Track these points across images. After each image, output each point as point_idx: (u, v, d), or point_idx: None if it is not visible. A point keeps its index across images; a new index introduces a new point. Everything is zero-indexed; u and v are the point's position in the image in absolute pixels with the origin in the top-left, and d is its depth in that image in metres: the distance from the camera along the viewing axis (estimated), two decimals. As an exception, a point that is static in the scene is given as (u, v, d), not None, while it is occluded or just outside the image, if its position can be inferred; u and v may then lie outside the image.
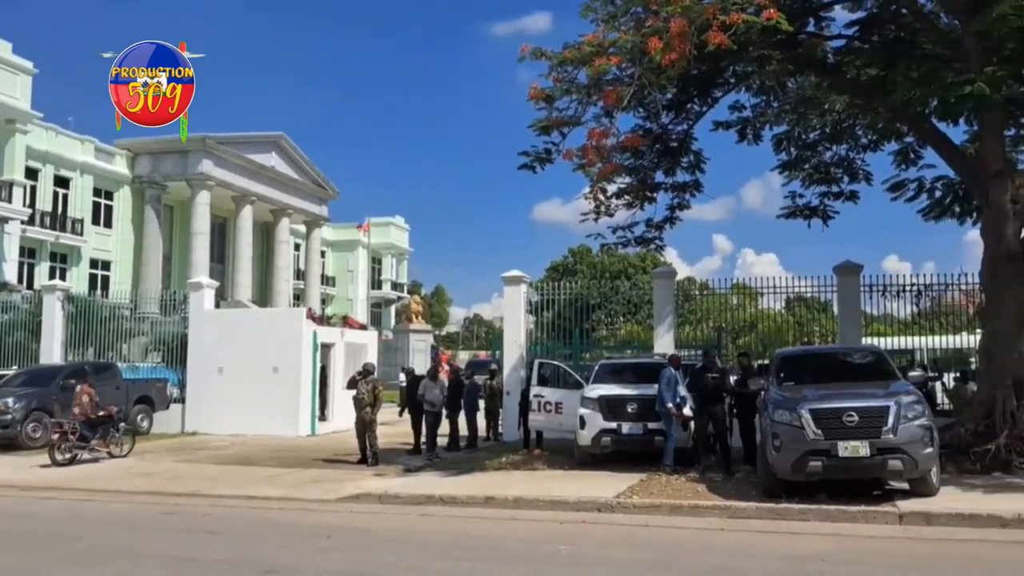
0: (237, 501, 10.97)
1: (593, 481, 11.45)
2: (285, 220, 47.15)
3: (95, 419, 14.84)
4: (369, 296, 58.22)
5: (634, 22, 11.25)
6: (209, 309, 20.98)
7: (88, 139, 38.09)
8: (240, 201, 43.03)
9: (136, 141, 39.76)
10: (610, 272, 57.72)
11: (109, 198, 39.41)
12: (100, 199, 38.91)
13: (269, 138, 45.33)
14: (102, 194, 38.98)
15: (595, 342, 24.61)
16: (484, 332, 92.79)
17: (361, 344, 22.14)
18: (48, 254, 35.88)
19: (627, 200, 15.02)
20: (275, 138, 45.77)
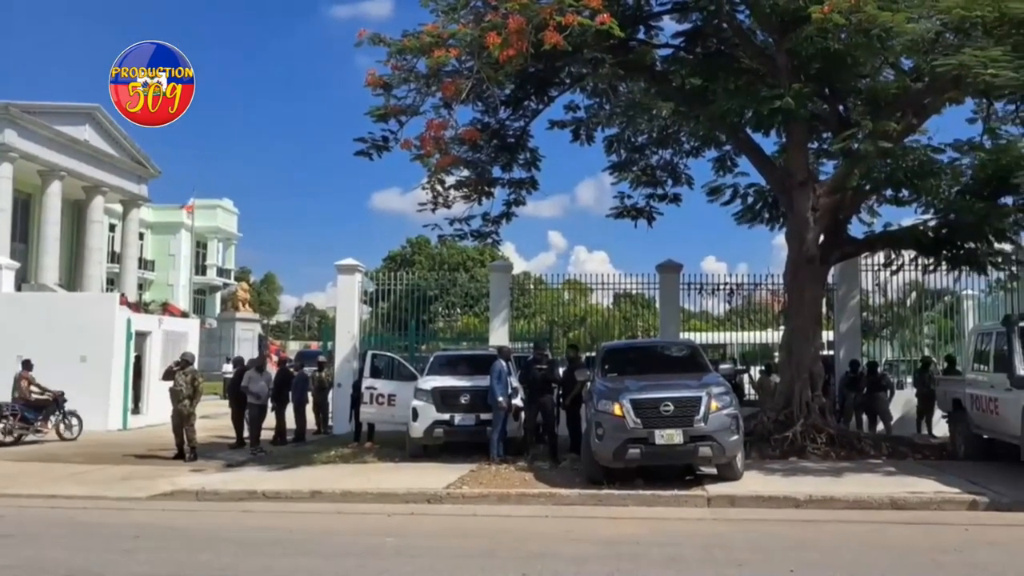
0: (35, 501, 10.10)
1: (424, 473, 11.45)
2: (99, 198, 43.62)
3: (36, 403, 15.92)
4: (192, 282, 55.07)
5: (473, 16, 11.31)
6: (8, 292, 19.25)
7: None
8: (47, 176, 39.42)
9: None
10: (449, 264, 57.94)
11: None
12: None
13: (83, 109, 41.74)
14: None
15: (432, 334, 24.57)
16: (317, 322, 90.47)
17: (181, 333, 20.95)
18: None
19: (465, 193, 15.11)
20: (90, 110, 42.19)
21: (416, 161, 12.50)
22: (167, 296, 49.93)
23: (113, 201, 45.79)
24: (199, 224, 53.60)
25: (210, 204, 57.32)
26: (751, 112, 12.49)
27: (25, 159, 37.36)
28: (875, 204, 15.47)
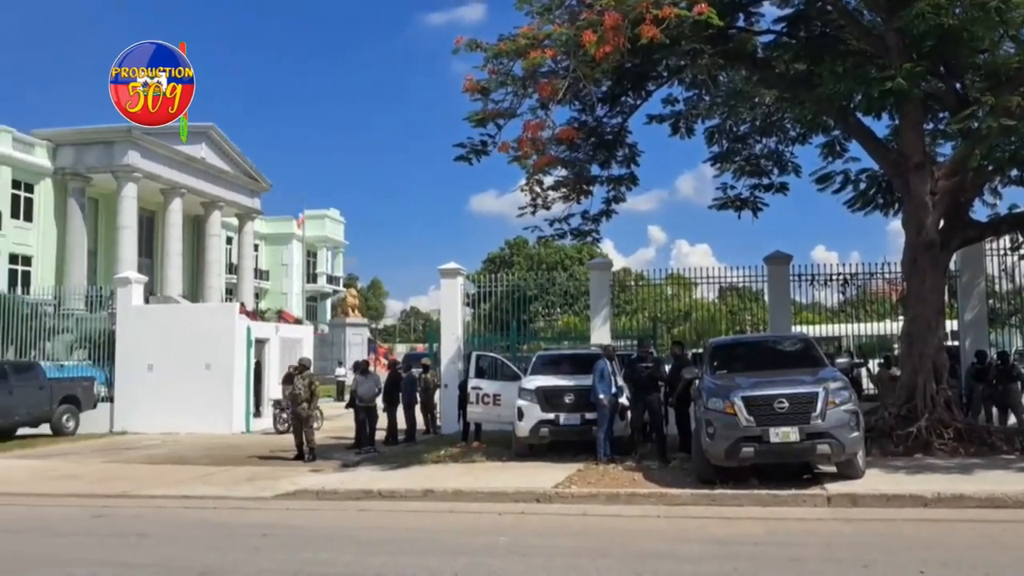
0: (168, 501, 10.70)
1: (532, 472, 11.52)
2: (216, 213, 46.03)
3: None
4: (304, 290, 57.33)
5: (568, 15, 11.30)
6: (138, 305, 20.39)
7: (6, 129, 36.51)
8: (169, 194, 41.86)
9: (58, 131, 38.41)
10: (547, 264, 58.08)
11: (29, 190, 37.88)
12: (19, 191, 37.36)
13: (199, 128, 44.05)
14: (21, 186, 37.43)
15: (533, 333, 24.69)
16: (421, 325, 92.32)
17: (296, 339, 21.81)
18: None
19: (563, 193, 15.10)
20: (205, 129, 44.57)
21: (514, 163, 12.57)
22: (281, 304, 52.18)
23: (229, 215, 48.20)
24: (309, 234, 55.71)
25: (318, 214, 59.54)
26: (861, 95, 11.99)
27: (148, 179, 39.78)
28: (998, 185, 14.58)
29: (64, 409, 18.44)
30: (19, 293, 27.54)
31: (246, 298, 46.20)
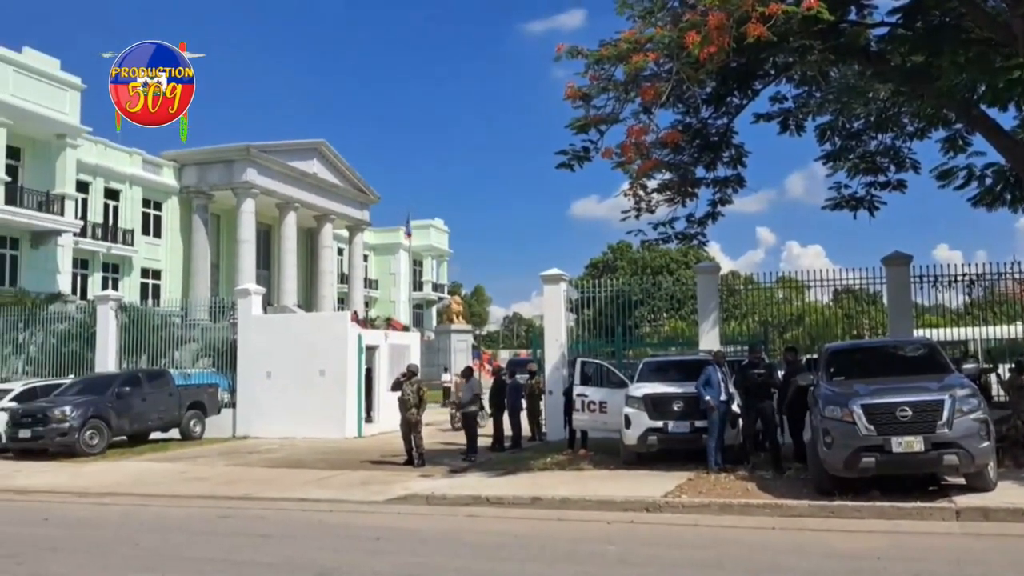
0: (288, 504, 11.14)
1: (640, 480, 11.39)
2: (328, 225, 47.76)
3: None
4: (411, 298, 58.66)
5: (671, 17, 11.16)
6: (257, 315, 21.32)
7: (136, 151, 39.01)
8: (284, 208, 43.71)
9: (183, 152, 40.68)
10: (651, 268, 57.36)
11: (158, 209, 40.34)
12: (149, 210, 39.85)
13: (310, 145, 45.96)
14: (151, 205, 39.92)
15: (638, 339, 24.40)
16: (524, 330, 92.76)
17: (404, 345, 22.32)
18: (101, 265, 36.82)
19: (668, 196, 14.90)
20: (316, 145, 46.39)
21: (618, 169, 12.53)
22: (390, 312, 53.57)
23: (340, 227, 49.93)
24: (414, 244, 57.01)
25: (424, 225, 60.95)
26: (984, 86, 11.32)
27: (265, 194, 41.68)
28: None
29: (191, 414, 19.50)
30: (150, 305, 29.32)
31: (356, 306, 47.66)
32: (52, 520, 10.54)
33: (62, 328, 22.63)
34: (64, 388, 18.25)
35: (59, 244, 32.92)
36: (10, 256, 31.88)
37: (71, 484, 13.38)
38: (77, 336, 22.26)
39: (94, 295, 26.36)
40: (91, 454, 16.51)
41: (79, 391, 17.86)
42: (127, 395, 17.93)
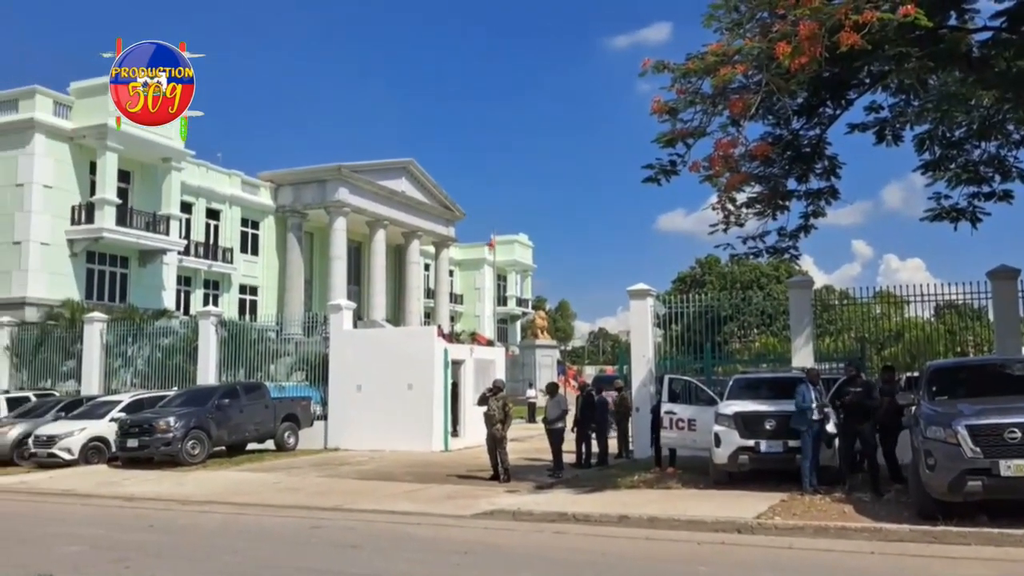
0: (377, 516, 11.35)
1: (731, 500, 11.13)
2: (415, 242, 48.71)
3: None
4: (495, 312, 59.10)
5: (760, 28, 10.97)
6: (348, 329, 21.85)
7: (235, 173, 40.82)
8: (374, 225, 44.84)
9: (278, 173, 42.42)
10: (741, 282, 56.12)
11: (255, 227, 42.02)
12: (247, 229, 41.56)
13: (399, 164, 47.07)
14: (249, 224, 41.64)
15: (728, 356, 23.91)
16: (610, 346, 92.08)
17: (489, 360, 22.47)
18: (202, 281, 38.55)
19: (758, 209, 14.57)
20: (405, 164, 47.49)
21: (706, 182, 12.35)
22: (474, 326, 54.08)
23: (427, 243, 50.88)
24: (499, 258, 57.51)
25: (508, 240, 61.43)
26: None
27: (355, 212, 42.88)
28: None
29: (286, 426, 20.11)
30: (247, 320, 30.50)
31: (442, 321, 48.35)
32: (157, 526, 11.03)
33: (167, 342, 23.71)
34: (168, 400, 19.11)
35: (164, 262, 34.69)
36: (120, 274, 33.72)
37: (174, 492, 13.99)
38: (181, 350, 23.28)
39: (196, 311, 27.60)
40: (192, 463, 17.21)
41: (182, 403, 18.67)
42: (226, 407, 18.64)
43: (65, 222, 31.38)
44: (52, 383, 24.15)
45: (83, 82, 32.15)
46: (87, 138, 31.65)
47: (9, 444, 18.03)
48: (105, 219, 31.42)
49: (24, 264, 30.11)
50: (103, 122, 31.08)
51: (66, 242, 31.35)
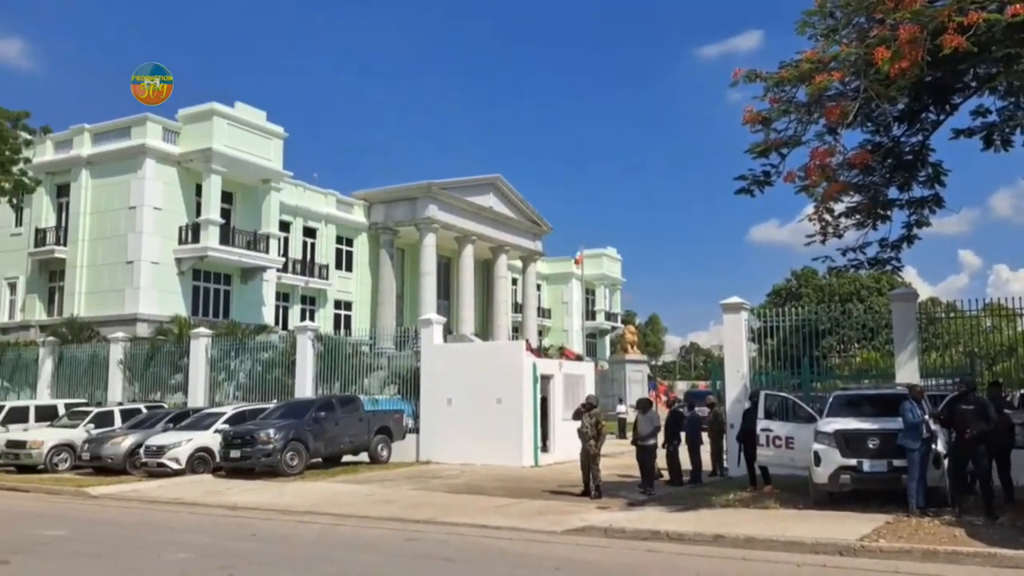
0: (470, 529, 11.43)
1: (832, 522, 10.74)
2: (503, 257, 49.10)
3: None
4: (584, 327, 58.87)
5: (856, 33, 10.66)
6: (438, 344, 22.14)
7: (331, 192, 42.21)
8: (462, 241, 45.46)
9: (371, 192, 43.66)
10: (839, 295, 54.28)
11: (349, 244, 43.26)
12: (342, 246, 42.85)
13: (487, 180, 47.64)
14: (343, 241, 42.93)
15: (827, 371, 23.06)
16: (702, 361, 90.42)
17: (578, 375, 22.37)
18: (299, 297, 39.89)
19: (857, 219, 14.07)
20: (492, 180, 48.02)
21: (801, 193, 12.03)
22: (562, 341, 54.05)
23: (514, 258, 51.22)
24: (587, 272, 57.35)
25: (596, 254, 61.23)
26: None
27: (444, 228, 43.60)
28: None
29: (379, 439, 20.50)
30: (342, 334, 31.33)
31: (530, 336, 48.49)
32: (259, 535, 11.42)
33: (267, 356, 24.55)
34: (268, 412, 19.76)
35: (264, 279, 36.09)
36: (223, 291, 35.24)
37: (274, 502, 14.45)
38: (280, 363, 24.06)
39: (294, 326, 28.52)
40: (291, 474, 17.74)
41: (281, 415, 19.26)
42: (322, 419, 19.15)
43: (173, 242, 33.06)
44: (161, 395, 25.33)
45: (189, 109, 33.95)
46: (193, 162, 33.33)
47: (122, 454, 18.99)
48: (210, 238, 32.95)
49: (136, 282, 31.84)
50: (208, 146, 32.74)
51: (174, 261, 33.02)
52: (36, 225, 34.26)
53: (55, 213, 34.58)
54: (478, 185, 46.80)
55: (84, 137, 33.93)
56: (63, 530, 11.84)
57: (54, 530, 11.80)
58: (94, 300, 32.55)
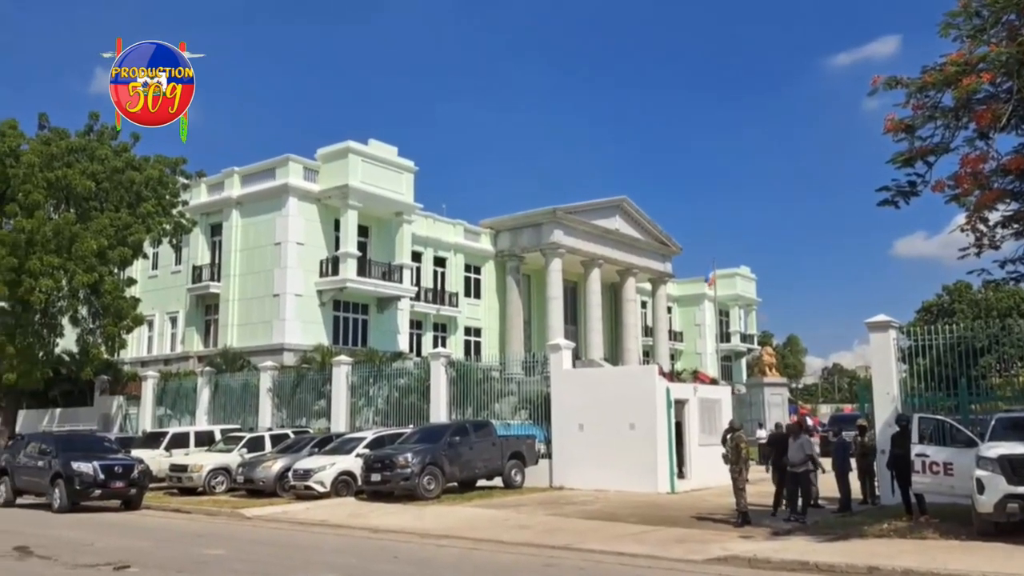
0: (607, 557, 11.30)
1: (1000, 554, 9.94)
2: (631, 279, 48.64)
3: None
4: (718, 349, 57.31)
5: (1007, 32, 10.00)
6: (567, 369, 22.13)
7: (459, 222, 43.33)
8: (588, 265, 45.41)
9: (497, 220, 44.49)
10: (998, 310, 50.42)
11: (477, 272, 44.15)
12: (470, 274, 43.79)
13: (612, 203, 47.50)
14: (471, 269, 43.85)
15: (986, 392, 21.41)
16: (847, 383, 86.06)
17: (715, 399, 21.78)
18: (431, 325, 40.98)
19: (1016, 229, 13.09)
20: (618, 202, 47.83)
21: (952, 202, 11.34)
22: (696, 364, 52.80)
23: (642, 280, 50.63)
24: (720, 293, 55.90)
25: (729, 273, 59.61)
26: None
27: (570, 253, 43.74)
28: None
29: (512, 464, 20.65)
30: (473, 360, 31.89)
31: (661, 359, 47.66)
32: (400, 558, 11.72)
33: (402, 382, 25.29)
34: (405, 437, 20.32)
35: (399, 308, 37.36)
36: (361, 320, 36.70)
37: (413, 525, 14.80)
38: (415, 389, 24.73)
39: (427, 352, 29.27)
40: (428, 498, 18.12)
41: (417, 439, 19.76)
42: (457, 444, 19.51)
43: (314, 275, 34.79)
44: (306, 421, 26.55)
45: (327, 148, 35.80)
46: (332, 198, 35.06)
47: (273, 477, 20.01)
48: (348, 271, 34.47)
49: (282, 314, 33.67)
50: (345, 183, 34.37)
51: (316, 293, 34.71)
52: (193, 263, 36.90)
53: (209, 251, 37.14)
54: (604, 208, 46.70)
55: (234, 179, 36.38)
56: (222, 549, 12.57)
57: (215, 549, 12.55)
58: (245, 331, 34.64)
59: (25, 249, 25.70)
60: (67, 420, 32.03)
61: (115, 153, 28.83)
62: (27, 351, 27.10)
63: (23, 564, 11.36)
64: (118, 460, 19.21)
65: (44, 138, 28.46)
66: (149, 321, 36.20)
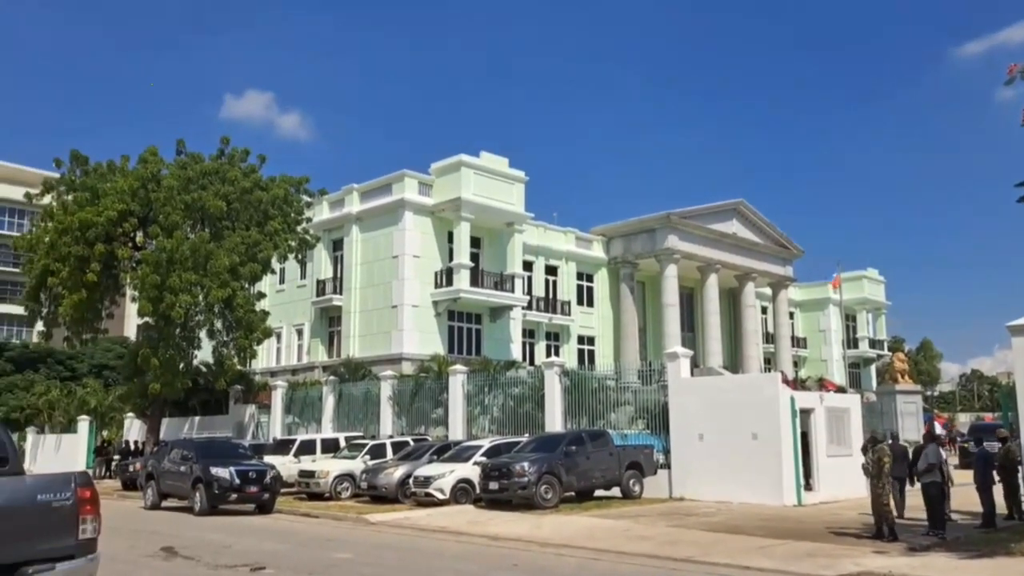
0: (732, 570, 10.97)
1: None
2: (750, 284, 47.27)
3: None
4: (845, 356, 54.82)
5: None
6: (686, 377, 21.68)
7: (570, 230, 43.31)
8: (705, 270, 44.44)
9: (609, 226, 44.20)
10: None
11: (590, 280, 43.99)
12: (582, 282, 43.67)
13: (728, 206, 46.36)
14: (583, 277, 43.74)
15: None
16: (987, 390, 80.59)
17: (843, 408, 20.84)
18: (544, 334, 41.10)
19: None
20: (734, 205, 46.63)
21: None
22: (821, 371, 50.72)
23: (762, 285, 49.14)
24: (845, 297, 53.53)
25: (855, 276, 57.00)
26: None
27: (686, 258, 42.96)
28: None
29: (630, 474, 20.37)
30: (587, 369, 31.74)
31: (784, 366, 46.04)
32: (520, 566, 11.76)
33: (517, 391, 25.42)
34: (521, 445, 20.42)
35: (511, 317, 37.69)
36: (475, 329, 37.26)
37: (532, 534, 14.82)
38: (529, 398, 24.81)
39: (541, 361, 29.36)
40: (545, 507, 18.12)
41: (533, 448, 19.82)
42: (573, 453, 19.43)
43: (430, 286, 35.61)
44: (425, 428, 27.14)
45: (440, 162, 36.64)
46: (445, 211, 35.85)
47: (395, 483, 20.54)
48: (462, 281, 35.10)
49: (400, 325, 34.62)
50: (457, 196, 35.05)
51: (431, 303, 35.51)
52: (317, 277, 38.49)
53: (331, 265, 38.65)
54: (719, 211, 45.63)
55: (353, 196, 37.75)
56: (349, 553, 13.00)
57: (342, 553, 13.00)
58: (366, 342, 35.81)
59: (166, 267, 27.46)
60: (205, 428, 33.98)
61: (244, 174, 30.45)
62: (169, 363, 28.91)
63: (170, 564, 12.12)
64: (252, 466, 20.22)
65: (181, 163, 30.40)
66: (277, 333, 37.94)
